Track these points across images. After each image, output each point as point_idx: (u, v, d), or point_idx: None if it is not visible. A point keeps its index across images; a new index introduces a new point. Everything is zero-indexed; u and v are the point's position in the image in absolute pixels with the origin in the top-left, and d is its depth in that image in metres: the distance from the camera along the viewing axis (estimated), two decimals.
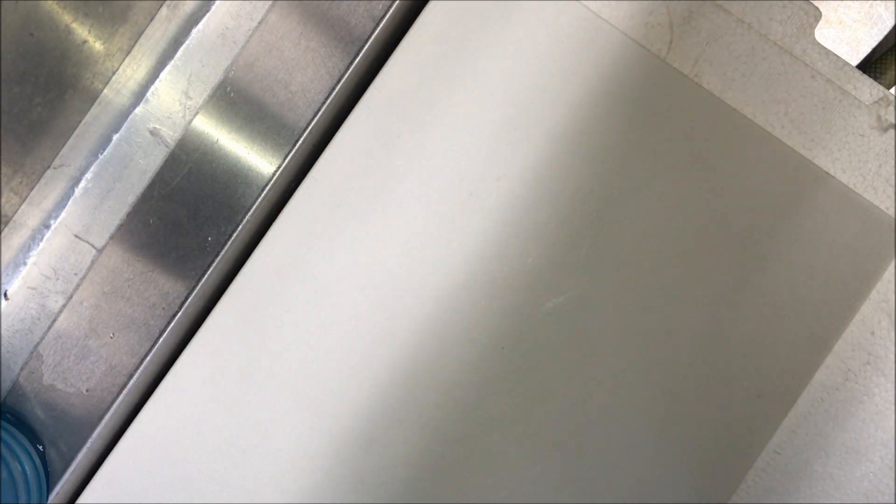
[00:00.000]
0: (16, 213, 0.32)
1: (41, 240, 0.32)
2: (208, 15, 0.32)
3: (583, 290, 0.31)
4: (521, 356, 0.31)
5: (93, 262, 0.32)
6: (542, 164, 0.31)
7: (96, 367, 0.32)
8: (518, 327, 0.31)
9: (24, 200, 0.32)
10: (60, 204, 0.32)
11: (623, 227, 0.31)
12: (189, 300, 0.32)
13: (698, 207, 0.31)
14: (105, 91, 0.32)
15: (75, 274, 0.32)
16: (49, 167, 0.32)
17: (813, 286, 0.31)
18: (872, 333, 0.32)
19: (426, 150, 0.31)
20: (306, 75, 0.32)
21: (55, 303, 0.32)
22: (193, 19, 0.32)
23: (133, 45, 0.32)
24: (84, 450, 0.32)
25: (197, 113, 0.32)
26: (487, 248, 0.31)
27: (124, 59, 0.32)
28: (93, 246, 0.32)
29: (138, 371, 0.32)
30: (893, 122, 0.31)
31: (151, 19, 0.32)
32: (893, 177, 0.31)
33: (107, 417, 0.32)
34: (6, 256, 0.32)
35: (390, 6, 0.32)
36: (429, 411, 0.31)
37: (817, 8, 0.31)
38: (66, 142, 0.32)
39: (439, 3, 0.31)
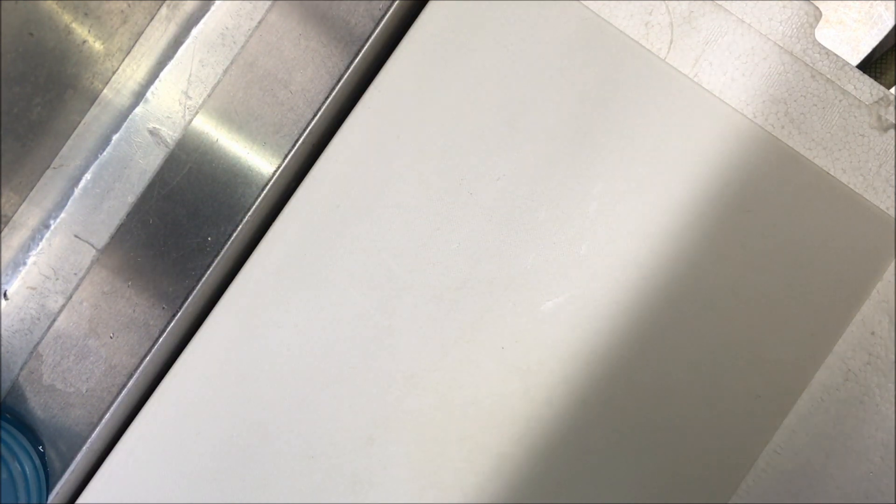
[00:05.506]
0: (16, 213, 0.32)
1: (41, 240, 0.32)
2: (208, 15, 0.32)
3: (582, 290, 0.31)
4: (521, 356, 0.31)
5: (93, 262, 0.32)
6: (542, 164, 0.31)
7: (96, 367, 0.32)
8: (518, 327, 0.31)
9: (24, 200, 0.32)
10: (60, 204, 0.32)
11: (622, 226, 0.31)
12: (189, 300, 0.32)
13: (698, 207, 0.31)
14: (105, 91, 0.32)
15: (75, 274, 0.32)
16: (49, 167, 0.32)
17: (813, 286, 0.31)
18: (873, 333, 0.32)
19: (426, 150, 0.31)
20: (306, 75, 0.32)
21: (55, 303, 0.32)
22: (193, 19, 0.32)
23: (133, 45, 0.32)
24: (84, 450, 0.32)
25: (197, 113, 0.32)
26: (487, 248, 0.31)
27: (124, 59, 0.32)
28: (93, 246, 0.32)
29: (138, 371, 0.32)
30: (894, 122, 0.31)
31: (151, 19, 0.32)
32: (893, 177, 0.31)
33: (107, 417, 0.32)
34: (6, 256, 0.32)
35: (390, 6, 0.32)
36: (428, 411, 0.31)
37: (817, 8, 0.31)
38: (65, 142, 0.32)
39: (439, 3, 0.31)
